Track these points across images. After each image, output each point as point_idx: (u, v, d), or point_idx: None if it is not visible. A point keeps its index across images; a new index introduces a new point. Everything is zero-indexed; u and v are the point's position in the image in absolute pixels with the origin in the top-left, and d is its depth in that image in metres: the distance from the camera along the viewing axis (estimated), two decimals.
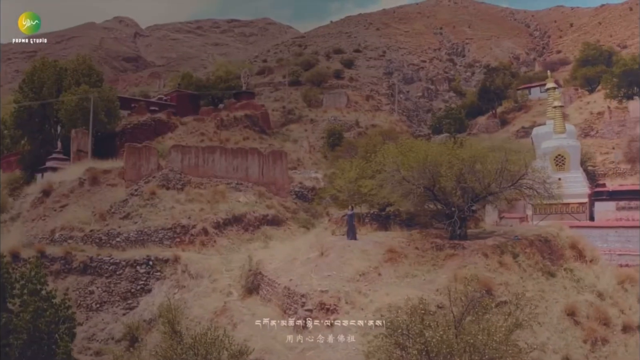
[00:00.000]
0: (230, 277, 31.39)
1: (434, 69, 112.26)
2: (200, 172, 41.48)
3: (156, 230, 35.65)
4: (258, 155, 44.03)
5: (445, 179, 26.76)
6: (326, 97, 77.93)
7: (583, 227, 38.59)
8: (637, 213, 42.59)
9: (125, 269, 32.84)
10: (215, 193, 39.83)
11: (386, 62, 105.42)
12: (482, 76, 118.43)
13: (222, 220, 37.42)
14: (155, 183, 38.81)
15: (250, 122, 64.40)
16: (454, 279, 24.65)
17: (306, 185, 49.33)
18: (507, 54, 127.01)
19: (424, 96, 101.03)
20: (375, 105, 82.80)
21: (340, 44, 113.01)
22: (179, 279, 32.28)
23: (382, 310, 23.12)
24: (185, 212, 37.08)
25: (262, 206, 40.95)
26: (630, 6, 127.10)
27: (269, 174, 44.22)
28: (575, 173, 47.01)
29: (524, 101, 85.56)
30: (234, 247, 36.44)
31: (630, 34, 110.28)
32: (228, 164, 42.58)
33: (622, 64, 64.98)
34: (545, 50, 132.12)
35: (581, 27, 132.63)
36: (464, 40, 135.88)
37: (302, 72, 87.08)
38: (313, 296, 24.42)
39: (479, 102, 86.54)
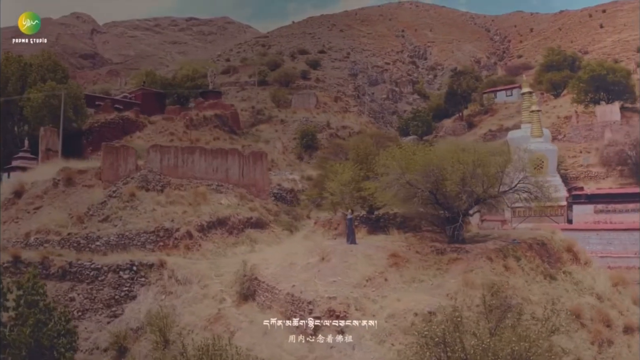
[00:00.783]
0: (222, 283, 30.13)
1: (397, 71, 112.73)
2: (179, 173, 39.95)
3: (138, 233, 33.98)
4: (238, 156, 42.77)
5: (450, 182, 26.46)
6: (295, 97, 76.99)
7: (572, 229, 38.92)
8: (614, 216, 43.34)
9: (108, 274, 31.05)
10: (196, 195, 38.38)
11: (351, 63, 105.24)
12: (446, 79, 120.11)
13: (206, 223, 36.04)
14: (134, 184, 37.07)
15: (220, 122, 63.04)
16: (465, 284, 24.34)
17: (285, 186, 48.33)
18: (468, 57, 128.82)
19: (389, 98, 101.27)
20: (343, 106, 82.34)
21: (305, 45, 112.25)
22: (166, 284, 30.74)
23: (396, 316, 22.52)
24: (168, 214, 35.52)
25: (245, 208, 39.72)
26: (590, 13, 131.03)
27: (249, 175, 43.01)
28: (554, 176, 47.61)
29: (490, 104, 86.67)
30: (220, 251, 35.12)
31: (591, 40, 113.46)
32: (208, 165, 41.17)
33: (590, 69, 66.46)
34: (506, 54, 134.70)
35: (541, 32, 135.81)
36: (426, 44, 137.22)
37: (269, 72, 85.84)
38: (320, 303, 23.53)
39: (445, 105, 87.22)
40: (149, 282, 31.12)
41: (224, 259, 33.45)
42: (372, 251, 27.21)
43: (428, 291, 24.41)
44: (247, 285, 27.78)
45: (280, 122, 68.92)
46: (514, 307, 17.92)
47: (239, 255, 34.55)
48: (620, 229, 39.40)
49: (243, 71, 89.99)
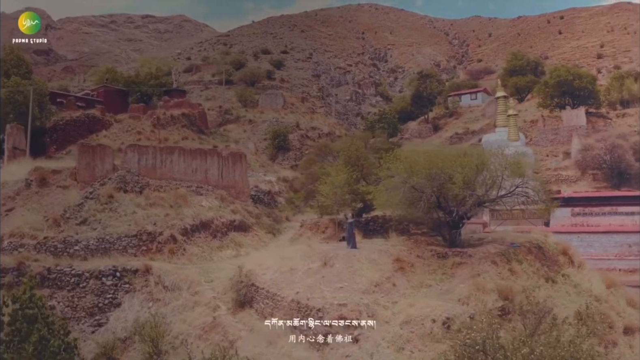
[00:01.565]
0: (214, 289, 28.81)
1: (360, 73, 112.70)
2: (158, 173, 38.32)
3: (119, 237, 32.22)
4: (217, 157, 41.41)
5: (456, 186, 26.10)
6: (262, 97, 75.65)
7: (561, 232, 39.15)
8: (590, 219, 43.93)
9: (90, 281, 29.28)
10: (176, 197, 36.84)
11: (314, 64, 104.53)
12: (407, 81, 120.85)
13: (190, 226, 34.54)
14: (112, 185, 35.22)
15: (187, 121, 61.21)
16: (476, 289, 23.89)
17: (262, 188, 47.11)
18: (428, 60, 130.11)
19: (352, 99, 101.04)
20: (310, 107, 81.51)
21: (267, 45, 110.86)
22: (152, 291, 29.19)
23: (412, 322, 21.82)
24: (149, 217, 33.87)
25: (227, 211, 38.41)
26: (548, 19, 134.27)
27: (228, 176, 41.70)
28: (532, 180, 47.91)
29: (455, 108, 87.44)
30: (205, 255, 33.74)
31: (550, 45, 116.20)
32: (187, 166, 39.68)
33: (557, 75, 67.67)
34: (465, 58, 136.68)
35: (499, 37, 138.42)
36: (386, 46, 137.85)
37: (234, 72, 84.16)
38: (330, 310, 22.60)
39: (411, 107, 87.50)
40: (134, 288, 29.50)
41: (211, 264, 32.12)
42: (376, 256, 26.45)
43: (438, 296, 23.87)
44: (243, 292, 26.56)
45: (248, 122, 67.50)
46: (549, 312, 17.43)
47: (226, 260, 33.34)
48: (601, 232, 39.96)
49: (206, 70, 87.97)
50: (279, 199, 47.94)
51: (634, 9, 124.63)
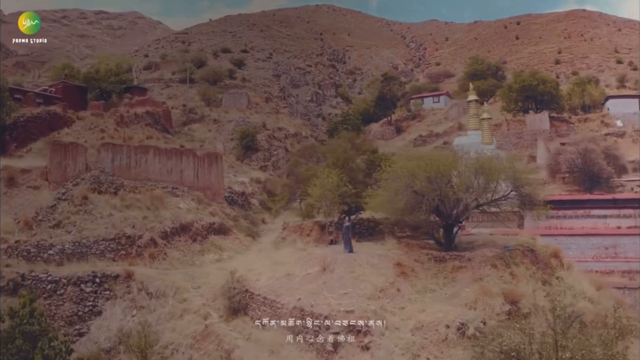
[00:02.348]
0: (202, 296, 27.49)
1: (319, 74, 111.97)
2: (132, 174, 36.55)
3: (96, 241, 30.43)
4: (193, 157, 39.88)
5: (458, 189, 25.86)
6: (226, 96, 73.89)
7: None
8: (564, 221, 44.52)
9: (67, 287, 27.46)
10: (153, 198, 35.18)
11: (274, 64, 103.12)
12: (365, 83, 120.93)
13: (170, 229, 32.98)
14: (86, 186, 33.30)
15: (152, 119, 58.96)
16: (483, 293, 23.54)
17: (236, 190, 45.68)
18: (386, 63, 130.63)
19: (313, 100, 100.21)
20: (274, 107, 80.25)
21: (226, 43, 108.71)
22: (135, 298, 27.60)
23: (425, 328, 21.25)
24: (127, 220, 32.14)
25: (205, 213, 37.00)
26: (505, 24, 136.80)
27: (204, 177, 40.23)
28: (506, 183, 48.27)
29: (417, 110, 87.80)
30: (187, 259, 32.27)
31: (508, 50, 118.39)
32: (162, 166, 38.03)
33: (522, 79, 68.72)
34: (422, 61, 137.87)
35: (456, 41, 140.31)
36: (344, 48, 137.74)
37: (195, 70, 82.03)
38: (337, 317, 21.78)
39: (375, 109, 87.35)
40: (115, 295, 27.85)
41: (196, 269, 30.72)
42: (376, 260, 25.79)
43: (444, 301, 23.43)
44: (237, 299, 25.36)
45: (213, 121, 65.72)
46: (579, 315, 17.13)
47: (209, 264, 32.04)
48: (579, 234, 40.48)
49: (165, 68, 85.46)
50: (252, 201, 46.63)
51: (589, 16, 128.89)
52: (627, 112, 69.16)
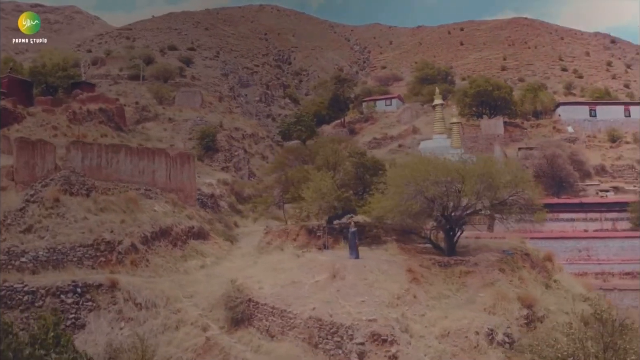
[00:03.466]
0: (196, 305, 25.74)
1: (267, 74, 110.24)
2: (103, 174, 34.10)
3: (73, 247, 27.98)
4: (165, 158, 37.66)
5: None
6: (179, 95, 71.04)
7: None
8: (533, 225, 45.16)
9: (46, 298, 25.07)
10: (127, 201, 32.86)
11: (221, 63, 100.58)
12: (312, 84, 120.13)
13: (150, 234, 30.83)
14: (56, 187, 30.66)
15: (105, 117, 55.83)
16: (501, 298, 23.19)
17: (204, 191, 43.74)
18: (331, 65, 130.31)
19: (262, 101, 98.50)
20: (227, 107, 78.05)
21: (172, 41, 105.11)
22: (122, 309, 25.51)
23: (452, 335, 20.66)
24: (104, 224, 29.78)
25: (182, 217, 34.99)
26: (448, 30, 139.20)
27: (176, 178, 38.10)
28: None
29: (370, 113, 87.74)
30: (170, 266, 30.25)
31: (453, 55, 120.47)
32: (134, 166, 35.69)
33: (477, 85, 69.77)
34: (367, 64, 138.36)
35: (400, 45, 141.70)
36: (290, 48, 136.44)
37: (144, 67, 78.64)
38: (360, 327, 20.76)
39: (328, 111, 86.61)
40: (99, 306, 25.63)
41: (183, 276, 28.81)
42: (386, 266, 24.93)
43: (462, 307, 22.96)
44: (241, 309, 23.76)
45: (168, 120, 62.91)
46: (625, 321, 16.94)
47: (195, 271, 30.18)
48: (554, 237, 41.07)
49: (112, 64, 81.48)
50: (221, 203, 44.78)
51: (531, 24, 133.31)
52: (577, 119, 71.64)
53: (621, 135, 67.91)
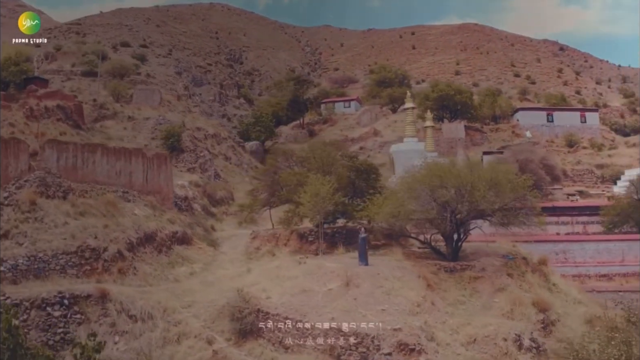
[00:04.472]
0: (197, 317, 24.16)
1: (220, 74, 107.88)
2: (79, 175, 31.96)
3: (55, 254, 25.86)
4: (142, 158, 35.73)
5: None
6: (137, 93, 68.09)
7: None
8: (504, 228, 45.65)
9: (31, 312, 22.91)
10: (106, 204, 30.84)
11: (174, 61, 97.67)
12: (264, 85, 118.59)
13: (135, 239, 28.97)
14: (32, 189, 28.37)
15: (63, 114, 52.80)
16: (519, 303, 22.99)
17: (178, 194, 41.74)
18: (284, 65, 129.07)
19: (216, 100, 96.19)
20: (186, 106, 75.61)
21: (124, 37, 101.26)
22: (116, 322, 23.61)
23: (479, 342, 20.30)
24: (87, 229, 27.74)
25: (163, 220, 33.23)
26: (399, 34, 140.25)
27: (153, 180, 36.25)
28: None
29: (329, 114, 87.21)
30: (158, 274, 28.50)
31: (406, 59, 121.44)
32: (110, 167, 33.65)
33: (439, 89, 70.32)
34: (318, 65, 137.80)
35: (352, 47, 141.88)
36: (241, 48, 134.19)
37: (100, 63, 75.12)
38: (386, 336, 19.96)
39: (287, 112, 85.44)
40: (88, 319, 23.59)
41: (176, 285, 27.16)
42: (399, 273, 24.23)
43: (480, 312, 22.79)
44: (250, 320, 22.39)
45: (128, 118, 60.10)
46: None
47: (186, 279, 28.60)
48: (534, 241, 41.34)
49: (63, 59, 77.47)
50: (194, 206, 42.94)
51: (482, 30, 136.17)
52: (535, 124, 73.35)
53: (578, 140, 69.89)
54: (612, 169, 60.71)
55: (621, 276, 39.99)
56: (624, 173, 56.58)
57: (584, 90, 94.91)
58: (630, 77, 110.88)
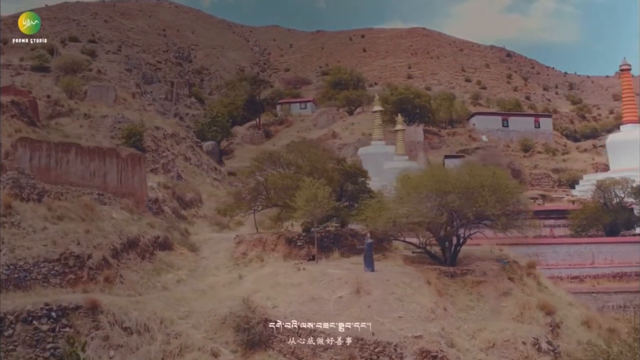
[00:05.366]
0: (197, 327, 22.87)
1: (170, 72, 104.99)
2: (53, 176, 29.96)
3: (36, 262, 24.02)
4: (117, 159, 33.89)
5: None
6: (91, 89, 64.91)
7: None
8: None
9: (16, 326, 21.11)
10: (83, 207, 29.01)
11: (124, 57, 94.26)
12: (214, 84, 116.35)
13: (119, 245, 27.33)
14: (5, 191, 26.29)
15: (17, 110, 49.69)
16: (527, 307, 23.25)
17: (149, 196, 39.87)
18: (233, 65, 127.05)
19: (168, 99, 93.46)
20: (141, 104, 72.88)
21: (72, 32, 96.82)
22: (109, 335, 22.04)
23: (498, 347, 20.22)
24: (68, 235, 25.93)
25: (143, 225, 31.55)
26: (349, 36, 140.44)
27: (127, 182, 34.47)
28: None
29: (285, 115, 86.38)
30: (145, 282, 26.97)
31: (357, 62, 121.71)
32: (85, 168, 31.74)
33: (399, 92, 70.76)
34: (267, 66, 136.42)
35: (301, 48, 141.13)
36: (190, 46, 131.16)
37: (51, 58, 71.43)
38: (407, 344, 19.49)
39: (244, 112, 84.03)
40: (78, 332, 21.88)
41: (168, 294, 25.66)
42: (407, 279, 23.81)
43: (491, 317, 22.91)
44: (258, 330, 21.33)
45: (84, 116, 57.19)
46: None
47: (175, 287, 27.19)
48: (513, 244, 41.86)
49: (10, 53, 73.10)
50: (165, 208, 41.13)
51: (430, 35, 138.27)
52: (491, 128, 74.93)
53: (533, 145, 71.80)
54: (569, 174, 62.64)
55: (592, 278, 41.04)
56: (582, 177, 58.39)
57: (533, 96, 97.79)
58: (577, 84, 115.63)
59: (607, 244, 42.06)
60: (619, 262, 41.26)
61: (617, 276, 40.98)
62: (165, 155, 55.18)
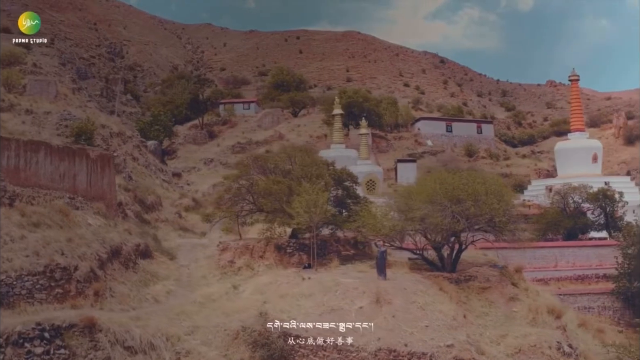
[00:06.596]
0: (207, 344, 21.35)
1: (104, 67, 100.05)
2: (22, 178, 27.30)
3: (19, 276, 21.65)
4: (86, 159, 31.48)
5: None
6: (31, 83, 60.41)
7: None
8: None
9: (6, 349, 18.92)
10: (59, 213, 26.69)
11: (57, 51, 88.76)
12: (148, 81, 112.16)
13: (105, 255, 25.27)
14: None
15: None
16: (535, 311, 23.63)
17: None
18: (166, 62, 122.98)
19: (103, 95, 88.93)
20: (83, 100, 68.68)
21: (2, 22, 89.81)
22: (110, 355, 20.19)
23: (525, 353, 20.51)
24: (49, 244, 23.60)
25: (121, 232, 29.47)
26: (285, 37, 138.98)
27: (97, 184, 32.14)
28: (384, 197, 48.90)
29: (229, 116, 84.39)
30: (134, 294, 25.03)
31: (294, 63, 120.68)
32: (54, 169, 29.21)
33: (348, 95, 70.69)
34: (201, 64, 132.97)
35: (235, 47, 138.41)
36: (122, 41, 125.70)
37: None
38: (441, 353, 19.11)
39: (187, 111, 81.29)
40: (74, 354, 19.87)
41: (165, 307, 23.93)
42: (422, 287, 23.33)
43: (506, 322, 23.27)
44: (280, 346, 20.10)
45: (26, 112, 53.16)
46: None
47: (167, 301, 25.36)
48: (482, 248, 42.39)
49: None
50: (128, 212, 38.74)
51: (365, 39, 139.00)
52: (435, 133, 76.31)
53: (476, 150, 73.62)
54: (515, 179, 64.46)
55: (555, 280, 42.24)
56: (531, 183, 60.30)
57: (469, 102, 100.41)
58: (509, 91, 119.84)
59: (569, 248, 43.43)
60: (580, 265, 42.79)
61: (579, 278, 42.47)
62: (117, 155, 52.24)
